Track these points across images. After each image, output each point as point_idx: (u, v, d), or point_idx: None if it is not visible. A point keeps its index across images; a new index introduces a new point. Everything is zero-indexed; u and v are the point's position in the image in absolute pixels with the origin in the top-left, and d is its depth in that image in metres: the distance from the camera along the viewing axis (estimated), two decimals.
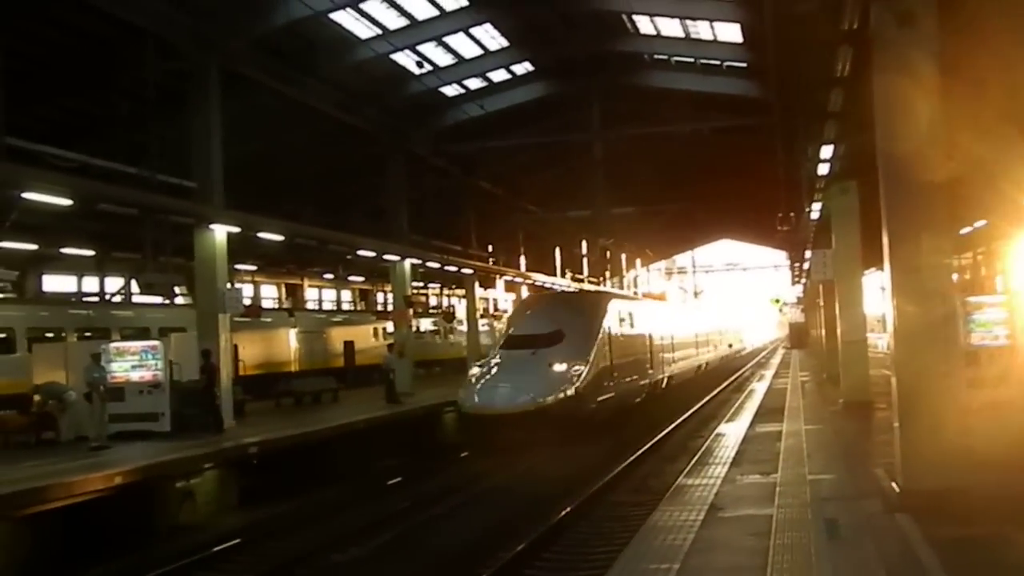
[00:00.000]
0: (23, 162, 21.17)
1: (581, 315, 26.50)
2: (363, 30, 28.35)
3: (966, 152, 13.53)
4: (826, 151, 17.86)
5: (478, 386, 23.64)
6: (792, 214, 31.86)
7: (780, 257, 75.22)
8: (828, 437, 17.83)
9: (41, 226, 29.43)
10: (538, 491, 17.32)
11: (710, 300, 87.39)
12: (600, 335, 25.57)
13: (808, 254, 32.01)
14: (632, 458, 20.99)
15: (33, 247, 34.19)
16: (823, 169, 19.36)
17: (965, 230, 28.80)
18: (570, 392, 22.80)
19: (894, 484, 11.13)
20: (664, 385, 33.36)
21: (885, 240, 10.92)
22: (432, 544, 14.70)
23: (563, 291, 48.99)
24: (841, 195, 21.73)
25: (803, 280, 52.99)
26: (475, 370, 25.12)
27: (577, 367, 23.53)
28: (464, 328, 47.28)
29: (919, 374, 10.60)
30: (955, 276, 10.82)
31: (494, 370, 24.20)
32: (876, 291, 33.92)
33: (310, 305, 55.24)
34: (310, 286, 57.00)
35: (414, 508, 17.24)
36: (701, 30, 31.41)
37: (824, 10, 12.31)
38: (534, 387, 22.59)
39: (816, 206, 23.76)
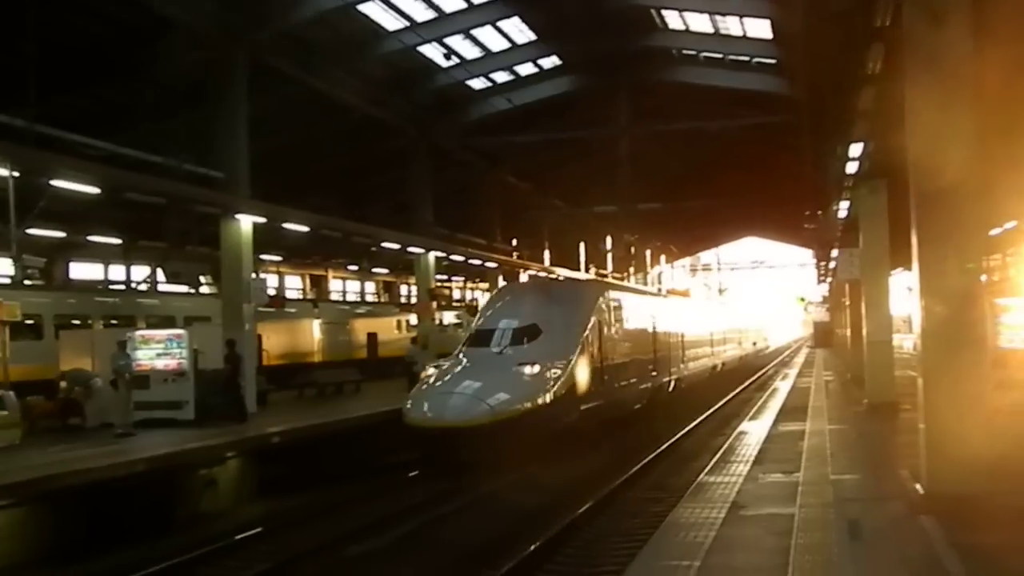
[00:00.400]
0: (52, 150, 21.33)
1: (564, 307, 23.13)
2: (391, 22, 28.40)
3: (997, 153, 13.41)
4: (855, 149, 17.73)
5: (428, 392, 20.27)
6: (819, 212, 31.70)
7: (806, 255, 74.98)
8: (852, 437, 17.74)
9: (69, 214, 29.62)
10: (557, 486, 17.23)
11: (734, 297, 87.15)
12: (586, 331, 22.50)
13: (835, 253, 31.80)
14: (652, 456, 20.78)
15: (61, 235, 34.43)
16: (852, 168, 19.23)
17: (995, 231, 28.59)
18: (543, 400, 19.79)
19: (918, 486, 11.05)
20: (671, 388, 31.05)
21: (914, 240, 10.84)
22: (450, 538, 14.68)
23: (546, 278, 43.62)
24: (870, 194, 21.54)
25: (829, 279, 52.69)
26: (430, 371, 21.64)
27: (555, 369, 20.50)
28: None
29: (946, 376, 10.52)
30: (984, 277, 10.69)
31: (451, 372, 20.93)
32: (903, 291, 33.78)
33: (334, 296, 55.41)
34: (334, 277, 57.18)
35: (433, 501, 17.21)
36: (731, 26, 31.29)
37: (856, 7, 12.22)
38: (496, 394, 19.27)
39: (844, 205, 23.62)
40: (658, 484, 17.65)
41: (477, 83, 35.49)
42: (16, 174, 19.14)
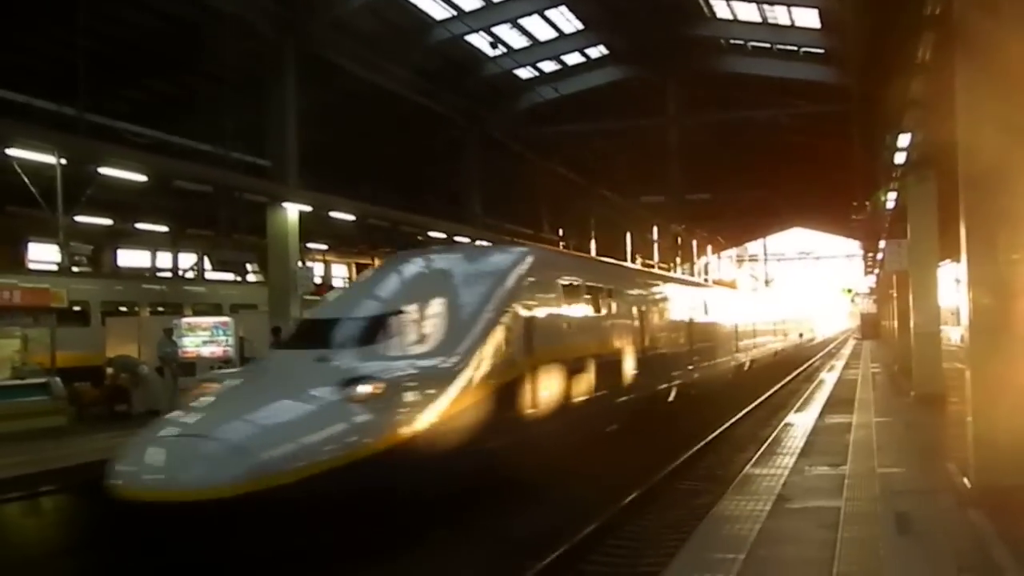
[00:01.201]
0: (104, 139, 21.62)
1: (460, 286, 14.63)
2: (438, 11, 28.46)
3: None
4: (904, 139, 17.54)
5: (156, 436, 10.96)
6: (867, 203, 31.38)
7: (853, 246, 74.30)
8: (899, 430, 17.55)
9: (117, 202, 29.98)
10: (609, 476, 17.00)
11: (779, 287, 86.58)
12: (498, 322, 13.87)
13: (882, 244, 31.44)
14: (698, 447, 20.44)
15: (108, 222, 34.83)
16: (900, 158, 19.03)
17: None
18: (384, 441, 11.04)
19: (965, 480, 10.94)
20: (671, 397, 23.08)
21: (962, 231, 10.70)
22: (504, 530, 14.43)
23: (453, 246, 29.79)
24: (918, 184, 21.26)
25: (876, 270, 52.18)
26: (200, 389, 12.59)
27: (423, 385, 12.06)
28: None
29: (994, 368, 10.38)
30: None
31: (217, 397, 11.98)
32: (951, 283, 33.37)
33: None
34: None
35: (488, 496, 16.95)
36: (779, 15, 31.05)
37: None
38: (277, 439, 10.44)
39: (892, 195, 23.37)
40: (705, 475, 17.52)
41: (524, 72, 35.50)
42: (64, 161, 19.42)
